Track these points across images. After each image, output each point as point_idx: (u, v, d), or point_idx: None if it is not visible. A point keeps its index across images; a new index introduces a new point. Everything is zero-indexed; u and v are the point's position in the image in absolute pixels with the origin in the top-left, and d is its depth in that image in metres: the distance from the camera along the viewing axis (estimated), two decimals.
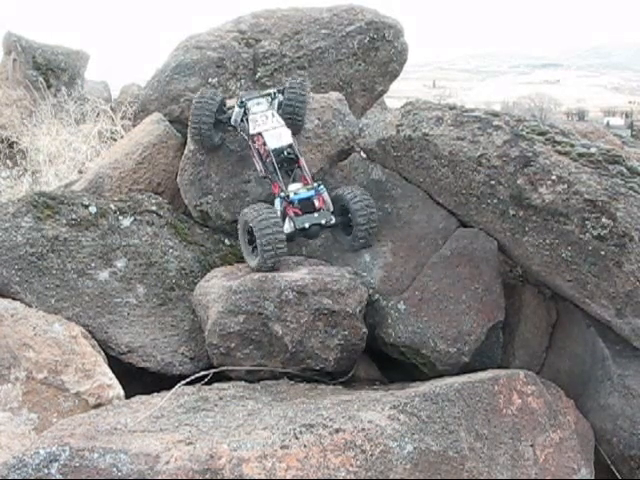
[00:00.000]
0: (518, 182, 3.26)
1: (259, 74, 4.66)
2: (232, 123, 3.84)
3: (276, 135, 3.64)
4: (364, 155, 4.16)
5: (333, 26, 4.81)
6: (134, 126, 4.96)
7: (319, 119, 4.13)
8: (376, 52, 4.90)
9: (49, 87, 8.77)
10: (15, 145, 7.58)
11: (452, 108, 3.72)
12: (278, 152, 3.59)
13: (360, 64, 4.91)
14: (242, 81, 4.57)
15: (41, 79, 8.78)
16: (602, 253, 3.06)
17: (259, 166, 3.70)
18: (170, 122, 4.49)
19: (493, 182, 3.34)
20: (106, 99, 9.32)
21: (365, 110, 5.28)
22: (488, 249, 3.55)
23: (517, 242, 3.37)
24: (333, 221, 3.48)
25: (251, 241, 3.41)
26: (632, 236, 3.01)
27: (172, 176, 4.29)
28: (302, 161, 3.63)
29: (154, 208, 3.94)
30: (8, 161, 7.41)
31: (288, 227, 3.40)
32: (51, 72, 9.02)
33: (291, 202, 3.43)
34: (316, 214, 3.44)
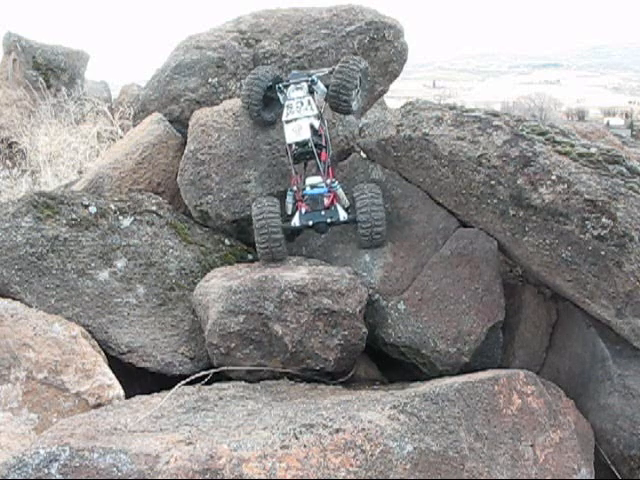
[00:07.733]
0: (518, 182, 3.26)
1: None
2: (282, 103, 3.79)
3: (295, 129, 3.60)
4: (364, 155, 4.16)
5: (333, 26, 4.80)
6: (134, 126, 4.95)
7: None
8: (376, 52, 4.89)
9: (49, 87, 8.78)
10: (15, 145, 7.58)
11: (452, 108, 3.72)
12: (300, 144, 3.57)
13: None
14: (242, 81, 4.56)
15: (41, 79, 8.79)
16: (602, 253, 3.06)
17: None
18: (170, 122, 4.48)
19: (493, 182, 3.34)
20: (106, 99, 9.33)
21: (365, 110, 5.28)
22: (488, 249, 3.55)
23: (517, 242, 3.37)
24: (342, 219, 3.53)
25: None
26: (632, 236, 3.01)
27: (172, 176, 4.29)
28: (322, 155, 3.62)
29: (154, 208, 3.94)
30: (8, 161, 7.41)
31: (296, 221, 3.53)
32: (51, 72, 9.03)
33: (302, 196, 3.56)
34: (323, 212, 3.53)
